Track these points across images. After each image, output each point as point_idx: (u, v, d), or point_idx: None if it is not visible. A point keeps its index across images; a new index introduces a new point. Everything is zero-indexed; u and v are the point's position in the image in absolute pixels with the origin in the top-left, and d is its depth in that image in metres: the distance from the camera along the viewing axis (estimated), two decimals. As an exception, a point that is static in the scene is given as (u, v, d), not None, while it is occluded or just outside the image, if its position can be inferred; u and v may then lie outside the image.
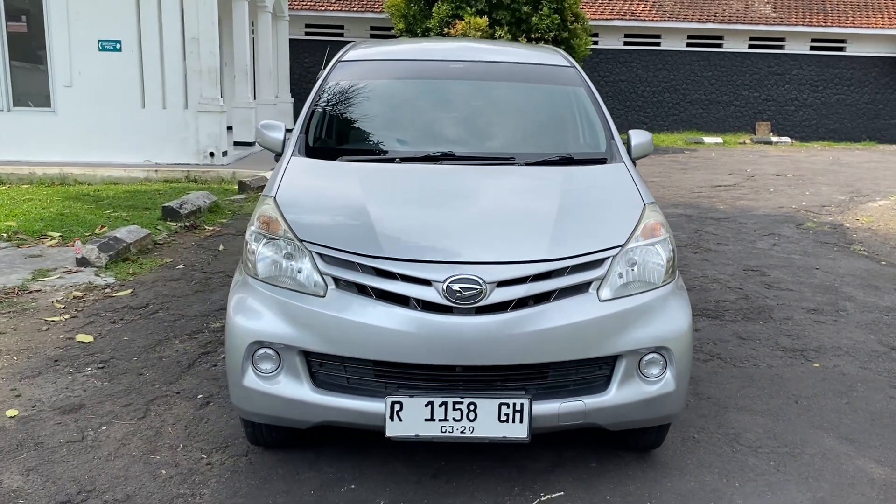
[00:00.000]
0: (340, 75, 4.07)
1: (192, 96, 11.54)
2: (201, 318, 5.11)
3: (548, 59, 4.30)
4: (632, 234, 2.98)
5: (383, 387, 2.81)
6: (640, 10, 21.36)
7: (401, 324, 2.71)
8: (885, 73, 21.66)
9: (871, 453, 3.49)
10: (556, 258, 2.82)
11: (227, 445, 3.40)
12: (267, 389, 2.85)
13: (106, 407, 3.76)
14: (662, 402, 2.92)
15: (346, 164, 3.46)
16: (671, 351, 2.89)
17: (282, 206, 3.09)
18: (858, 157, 18.41)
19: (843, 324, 5.45)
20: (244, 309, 2.92)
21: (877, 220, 10.18)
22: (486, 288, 2.71)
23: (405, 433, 2.74)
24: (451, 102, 3.98)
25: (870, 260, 7.71)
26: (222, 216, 8.75)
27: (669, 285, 3.00)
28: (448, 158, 3.50)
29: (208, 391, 3.96)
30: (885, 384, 4.33)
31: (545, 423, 2.79)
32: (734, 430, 3.67)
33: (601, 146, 3.73)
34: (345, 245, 2.84)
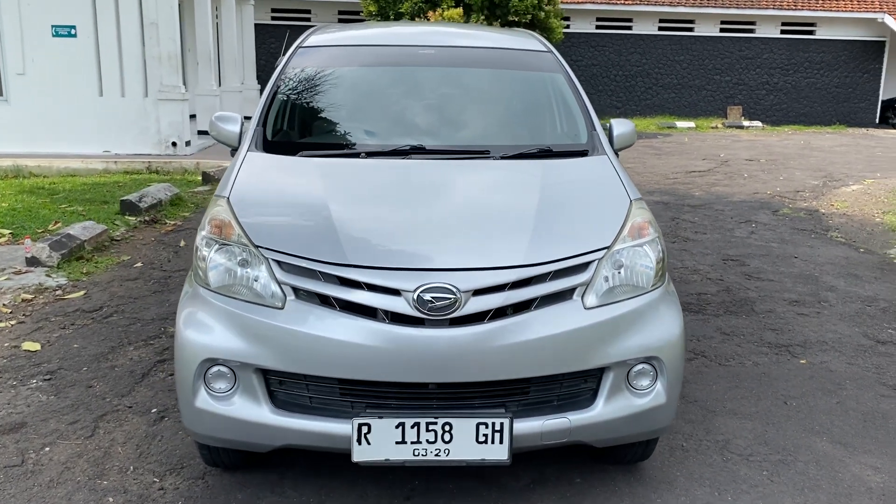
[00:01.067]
0: (301, 62, 3.77)
1: (153, 84, 11.11)
2: (158, 322, 4.80)
3: (523, 43, 4.04)
4: (618, 235, 2.75)
5: (350, 407, 2.56)
6: (612, -7, 21.17)
7: (367, 338, 2.45)
8: (854, 56, 21.71)
9: (867, 459, 3.32)
10: (536, 263, 2.57)
11: (181, 467, 3.13)
12: (221, 411, 2.58)
13: (50, 425, 3.46)
14: (653, 416, 2.71)
15: (307, 160, 3.18)
16: (662, 361, 2.67)
17: (235, 208, 2.80)
18: (829, 141, 18.44)
19: (826, 316, 5.30)
20: (195, 322, 2.65)
21: (851, 206, 10.12)
22: (461, 297, 2.46)
23: (374, 457, 2.49)
24: (420, 91, 3.71)
25: (848, 247, 7.60)
26: (184, 210, 8.40)
27: (659, 289, 2.77)
28: (418, 152, 3.23)
29: (163, 404, 3.68)
30: (874, 381, 4.17)
31: (527, 442, 2.56)
32: (723, 436, 3.48)
33: (582, 137, 3.49)
34: (305, 251, 2.57)
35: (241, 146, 3.37)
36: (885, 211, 9.72)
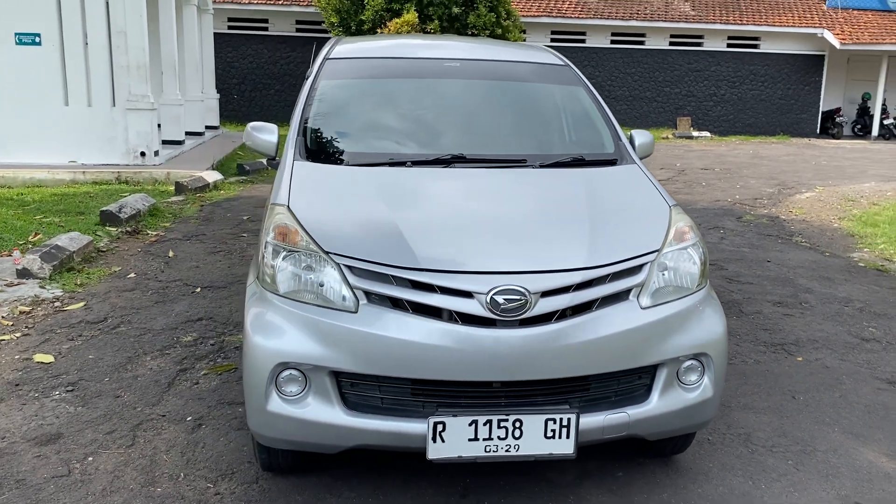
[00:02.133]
0: (332, 73, 3.85)
1: (120, 93, 10.92)
2: (169, 332, 4.79)
3: (541, 57, 4.20)
4: (665, 238, 2.92)
5: (421, 406, 2.65)
6: (566, 7, 21.61)
7: (442, 339, 2.55)
8: (796, 69, 22.62)
9: (878, 447, 3.55)
10: (597, 265, 2.71)
11: (232, 472, 3.17)
12: (294, 414, 2.64)
13: (87, 435, 3.45)
14: (701, 409, 2.87)
15: (357, 169, 3.26)
16: (710, 357, 2.84)
17: (298, 216, 2.87)
18: (776, 151, 19.15)
19: (810, 316, 5.58)
20: (265, 327, 2.70)
21: (808, 212, 10.58)
22: (531, 299, 2.58)
23: (448, 455, 2.59)
24: (453, 102, 3.83)
25: (813, 251, 7.97)
26: (164, 220, 8.30)
27: (704, 289, 2.95)
28: (459, 161, 3.35)
29: (197, 412, 3.70)
30: (868, 376, 4.43)
31: (590, 436, 2.69)
32: (744, 429, 3.67)
33: (609, 147, 3.66)
34: (377, 257, 2.66)
35: (284, 155, 3.43)
36: (840, 217, 10.19)
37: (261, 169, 12.22)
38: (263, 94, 20.97)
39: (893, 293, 6.32)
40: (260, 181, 11.37)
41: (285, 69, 20.96)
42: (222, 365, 4.29)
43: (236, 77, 20.76)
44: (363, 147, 3.55)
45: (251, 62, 20.82)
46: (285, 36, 20.79)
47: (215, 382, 4.06)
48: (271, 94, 21.00)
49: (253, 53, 20.79)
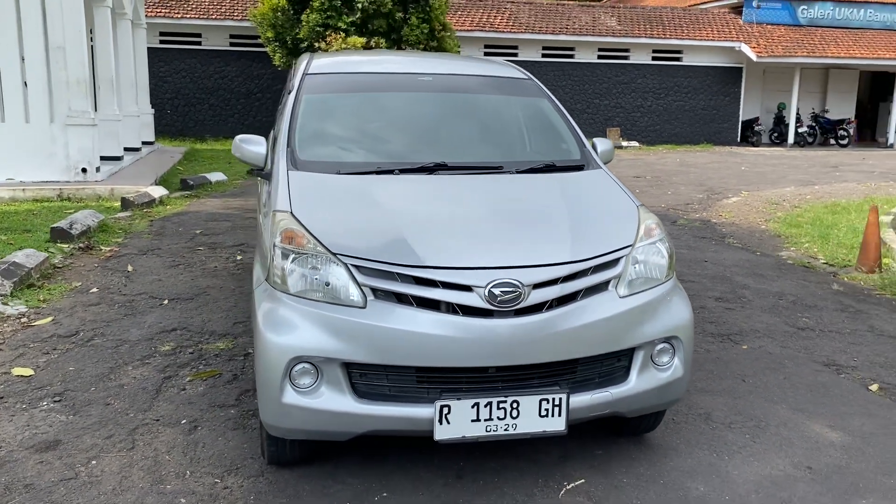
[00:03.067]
0: (313, 88, 4.05)
1: (59, 109, 10.75)
2: (146, 343, 4.86)
3: (506, 72, 4.49)
4: (637, 234, 3.23)
5: (426, 392, 2.88)
6: (499, 21, 22.17)
7: (445, 329, 2.79)
8: (716, 81, 23.74)
9: (823, 420, 3.94)
10: (580, 259, 3.00)
11: (236, 468, 3.32)
12: (309, 404, 2.83)
13: (86, 441, 3.54)
14: (673, 387, 3.18)
15: (347, 178, 3.47)
16: (680, 340, 3.16)
17: (302, 221, 3.07)
18: (701, 159, 20.07)
19: (749, 309, 6.03)
20: (277, 324, 2.88)
21: (736, 215, 11.22)
22: (524, 291, 2.85)
23: (453, 435, 2.82)
24: (429, 114, 4.07)
25: (746, 251, 8.52)
26: (115, 236, 8.25)
27: (672, 280, 3.27)
28: (441, 168, 3.60)
29: (190, 416, 3.82)
30: (806, 359, 4.86)
31: (578, 414, 2.96)
32: (703, 409, 4.01)
33: (575, 154, 3.97)
34: (382, 256, 2.88)
35: (275, 165, 3.60)
36: (766, 219, 10.86)
37: (204, 184, 12.19)
38: (197, 108, 20.78)
39: (821, 287, 6.86)
40: (205, 196, 11.35)
41: (219, 83, 20.83)
42: (206, 371, 4.40)
43: (169, 92, 20.51)
44: (350, 157, 3.76)
45: (184, 77, 20.61)
46: (219, 50, 20.68)
47: (202, 388, 4.17)
48: (205, 108, 20.82)
49: (186, 68, 20.58)
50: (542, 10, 23.28)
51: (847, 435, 3.77)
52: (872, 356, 4.97)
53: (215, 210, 10.07)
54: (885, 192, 13.84)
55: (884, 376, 4.60)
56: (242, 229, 8.79)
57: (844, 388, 4.39)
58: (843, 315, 5.92)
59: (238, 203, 10.74)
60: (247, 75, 20.89)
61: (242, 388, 4.16)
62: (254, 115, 21.09)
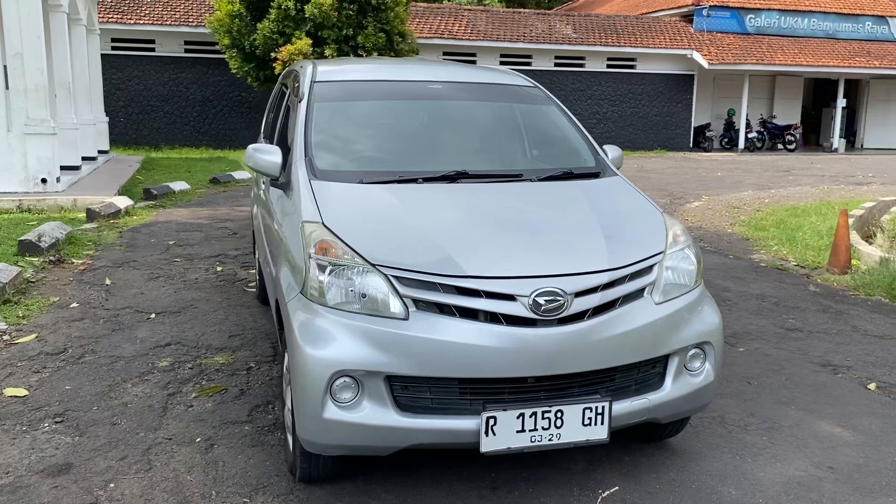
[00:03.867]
0: (324, 96, 3.97)
1: (17, 117, 10.38)
2: (141, 359, 4.70)
3: (511, 79, 4.49)
4: (666, 241, 3.25)
5: (468, 404, 2.84)
6: (457, 29, 22.24)
7: (489, 339, 2.76)
8: (669, 88, 24.23)
9: (832, 420, 4.03)
10: (618, 266, 3.00)
11: (263, 486, 3.22)
12: (351, 419, 2.77)
13: (99, 463, 3.40)
14: (704, 392, 3.21)
15: (371, 187, 3.41)
16: (712, 345, 3.19)
17: (335, 231, 3.00)
18: (658, 164, 20.44)
19: (736, 312, 6.14)
20: (317, 338, 2.81)
21: (702, 219, 11.45)
22: (568, 299, 2.83)
23: (499, 447, 2.79)
24: (443, 122, 4.04)
25: (719, 254, 8.69)
26: (85, 248, 7.99)
27: (701, 285, 3.30)
28: (463, 176, 3.57)
29: (204, 434, 3.70)
30: (803, 360, 4.97)
31: (619, 422, 2.96)
32: (717, 413, 4.06)
33: (590, 161, 3.98)
34: (423, 267, 2.83)
35: (294, 175, 3.52)
36: (731, 223, 11.11)
37: (168, 193, 11.91)
38: (152, 116, 20.31)
39: (798, 289, 7.03)
40: (170, 205, 11.09)
41: (174, 91, 20.40)
42: (211, 387, 4.28)
43: (122, 99, 20.01)
44: (370, 166, 3.70)
45: (138, 84, 20.13)
46: (174, 57, 20.26)
47: (210, 404, 4.05)
48: (160, 116, 20.37)
49: (139, 75, 20.10)
50: (500, 18, 23.45)
51: (858, 434, 3.86)
52: (863, 355, 5.10)
53: (185, 220, 9.84)
54: (838, 195, 14.29)
55: (879, 375, 4.73)
56: (217, 240, 8.61)
57: (845, 388, 4.49)
58: (826, 316, 6.08)
59: (206, 212, 10.52)
60: (203, 82, 20.51)
61: (253, 404, 4.05)
62: (210, 123, 20.71)
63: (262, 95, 20.05)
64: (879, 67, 24.37)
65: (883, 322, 5.91)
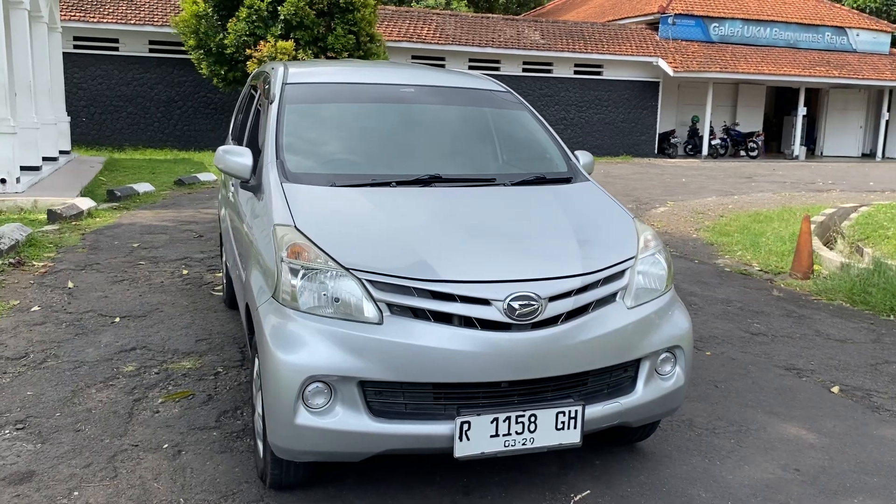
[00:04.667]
0: (296, 98, 3.93)
1: (-25, 116, 10.15)
2: (106, 364, 4.61)
3: (484, 84, 4.49)
4: (638, 246, 3.27)
5: (442, 409, 2.82)
6: (426, 33, 22.25)
7: (464, 344, 2.75)
8: (634, 95, 24.51)
9: (797, 423, 4.09)
10: (591, 271, 3.02)
11: (232, 493, 3.17)
12: (324, 425, 2.73)
13: (63, 471, 3.31)
14: (674, 396, 3.24)
15: (344, 190, 3.38)
16: (682, 349, 3.22)
17: (308, 234, 2.97)
18: (623, 170, 20.65)
19: (703, 316, 6.22)
20: (288, 343, 2.77)
21: (667, 224, 11.58)
22: (542, 303, 2.84)
23: (472, 452, 2.78)
24: (416, 126, 4.02)
25: (684, 259, 8.80)
26: (46, 250, 7.81)
27: (672, 290, 3.33)
28: (436, 181, 3.56)
29: (172, 440, 3.63)
30: (768, 364, 5.05)
31: (591, 426, 2.97)
32: (685, 416, 4.10)
33: (562, 165, 4.00)
34: (397, 271, 2.81)
35: (265, 178, 3.47)
36: (696, 228, 11.26)
37: (132, 195, 11.71)
38: (115, 116, 19.97)
39: (762, 293, 7.15)
40: (134, 207, 10.90)
41: (138, 91, 20.09)
42: (178, 392, 4.21)
43: (84, 99, 19.64)
44: (342, 169, 3.67)
45: (100, 83, 19.78)
46: (138, 56, 19.95)
47: (176, 410, 3.99)
48: (123, 116, 20.04)
49: (102, 74, 19.76)
50: (468, 23, 23.52)
51: (823, 436, 3.93)
52: (826, 359, 5.20)
53: (149, 222, 9.68)
54: (800, 202, 14.57)
55: (841, 378, 4.82)
56: (182, 242, 8.48)
57: (809, 392, 4.57)
58: (790, 320, 6.18)
59: (171, 215, 10.36)
60: (167, 83, 20.23)
61: (221, 409, 3.99)
62: (174, 124, 20.43)
63: (227, 97, 19.85)
64: (838, 77, 24.93)
65: (844, 326, 6.03)
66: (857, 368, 5.03)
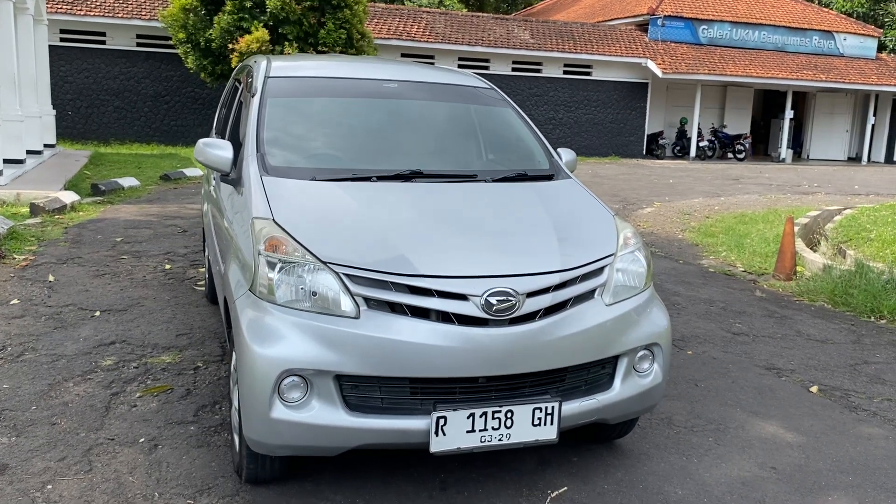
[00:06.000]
0: (278, 91, 3.91)
1: (-42, 108, 10.04)
2: (84, 357, 4.57)
3: (468, 80, 4.49)
4: (617, 243, 3.28)
5: (419, 404, 2.82)
6: (415, 31, 22.22)
7: (441, 339, 2.74)
8: (623, 95, 24.58)
9: (776, 422, 4.11)
10: (569, 268, 3.02)
11: (208, 487, 3.15)
12: (299, 419, 2.72)
13: (37, 464, 3.29)
14: (653, 393, 3.24)
15: (324, 184, 3.37)
16: (660, 346, 3.22)
17: (286, 228, 2.95)
18: (611, 171, 20.70)
19: (685, 316, 6.24)
20: (264, 336, 2.76)
21: (653, 225, 11.62)
22: (519, 299, 2.83)
23: (448, 447, 2.78)
24: (398, 121, 4.01)
25: (669, 259, 8.83)
26: (27, 244, 7.75)
27: (650, 288, 3.34)
28: (417, 176, 3.55)
29: (148, 434, 3.61)
30: (749, 363, 5.07)
31: (568, 422, 2.97)
32: (664, 414, 4.11)
33: (544, 163, 4.00)
34: (375, 265, 2.80)
35: (245, 171, 3.45)
36: (682, 229, 11.30)
37: (117, 189, 11.64)
38: (101, 110, 19.83)
39: (745, 294, 7.18)
40: (119, 202, 10.83)
41: (125, 85, 19.95)
42: (156, 386, 4.18)
43: (70, 92, 19.49)
44: (323, 163, 3.65)
45: (87, 77, 19.63)
46: (125, 50, 19.81)
47: (154, 404, 3.96)
48: (110, 110, 19.89)
49: (89, 68, 19.61)
50: (458, 21, 23.51)
51: (800, 435, 3.95)
52: (806, 359, 5.23)
53: (133, 217, 9.62)
54: (785, 204, 14.65)
55: (820, 378, 4.85)
56: (166, 237, 8.43)
57: (788, 391, 4.59)
58: (772, 321, 6.21)
59: (156, 209, 10.31)
60: (155, 77, 20.10)
61: (199, 404, 3.97)
62: (161, 119, 20.31)
63: (215, 92, 19.75)
64: (825, 81, 25.08)
65: (825, 327, 6.07)
66: (837, 369, 5.06)
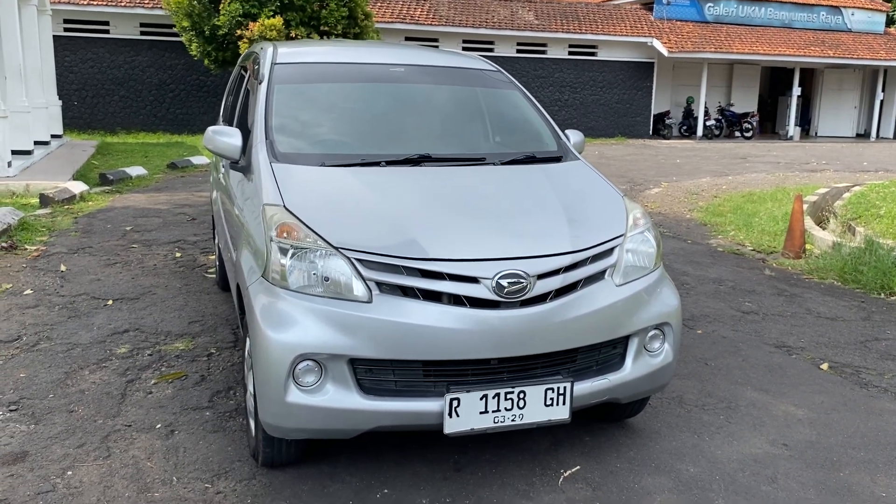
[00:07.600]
0: (285, 78, 3.92)
1: (-35, 100, 10.07)
2: (99, 346, 4.62)
3: (475, 64, 4.48)
4: (627, 224, 3.28)
5: (432, 386, 2.85)
6: (419, 13, 22.12)
7: (453, 322, 2.77)
8: (629, 75, 24.44)
9: (787, 399, 4.13)
10: (580, 249, 3.03)
11: (225, 471, 3.20)
12: (314, 402, 2.76)
13: (56, 451, 3.33)
14: (663, 372, 3.26)
15: (334, 170, 3.38)
16: (671, 325, 3.24)
17: (297, 214, 2.97)
18: (618, 151, 20.63)
19: (694, 296, 6.25)
20: (278, 322, 2.79)
21: (661, 206, 11.60)
22: (530, 281, 2.85)
23: (462, 428, 2.81)
24: (406, 105, 4.01)
25: (677, 240, 8.82)
26: (39, 234, 7.80)
27: (660, 268, 3.35)
28: (426, 160, 3.56)
29: (165, 420, 3.65)
30: (759, 342, 5.08)
31: (580, 402, 3.00)
32: (676, 393, 4.13)
33: (552, 145, 4.00)
34: (386, 249, 2.83)
35: (254, 158, 3.47)
36: (690, 209, 11.27)
37: (125, 178, 11.69)
38: (107, 100, 19.85)
39: (754, 273, 7.18)
40: (127, 191, 10.88)
41: (130, 74, 19.95)
42: (170, 373, 4.22)
43: (76, 83, 19.50)
44: (332, 148, 3.66)
45: (92, 66, 19.63)
46: (129, 39, 19.79)
47: (169, 391, 4.00)
48: (115, 100, 19.91)
49: (93, 57, 19.61)
50: (462, 3, 23.36)
51: (811, 412, 3.97)
52: (816, 337, 5.24)
53: (142, 206, 9.66)
54: (793, 182, 14.58)
55: (830, 356, 4.86)
56: (175, 225, 8.47)
57: (798, 369, 4.61)
58: (781, 299, 6.22)
59: (164, 198, 10.35)
60: (159, 65, 20.09)
61: (214, 390, 4.01)
62: (167, 107, 20.32)
63: (220, 79, 19.72)
64: (833, 57, 24.87)
65: (835, 304, 6.07)
66: (847, 346, 5.06)
